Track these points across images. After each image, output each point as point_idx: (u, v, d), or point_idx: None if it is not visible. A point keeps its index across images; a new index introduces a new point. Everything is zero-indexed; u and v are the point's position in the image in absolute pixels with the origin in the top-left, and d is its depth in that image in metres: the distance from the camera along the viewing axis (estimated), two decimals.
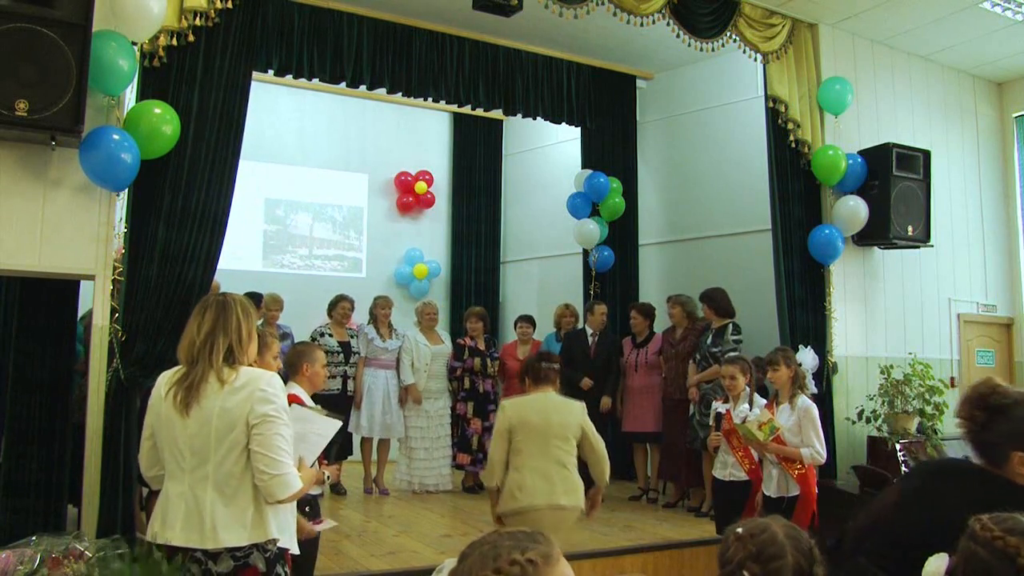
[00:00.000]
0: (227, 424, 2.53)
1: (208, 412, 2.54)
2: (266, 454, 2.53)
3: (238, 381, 2.57)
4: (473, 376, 7.11)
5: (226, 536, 2.51)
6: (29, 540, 3.69)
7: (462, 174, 9.84)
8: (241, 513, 2.54)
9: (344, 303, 6.97)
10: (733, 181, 7.42)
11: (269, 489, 2.54)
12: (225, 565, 2.51)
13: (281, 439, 2.56)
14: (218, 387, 2.56)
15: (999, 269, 7.66)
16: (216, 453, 2.54)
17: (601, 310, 7.12)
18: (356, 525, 5.78)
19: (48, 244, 4.26)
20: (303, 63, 6.21)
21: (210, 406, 2.54)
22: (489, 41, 7.06)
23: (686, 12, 5.93)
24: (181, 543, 2.53)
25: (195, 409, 2.55)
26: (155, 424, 2.66)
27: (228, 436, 2.54)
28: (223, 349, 2.61)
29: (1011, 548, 1.48)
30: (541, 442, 4.10)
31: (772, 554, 1.44)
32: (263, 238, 8.98)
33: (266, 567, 2.58)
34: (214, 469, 2.55)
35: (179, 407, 2.56)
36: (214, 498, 2.54)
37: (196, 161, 4.80)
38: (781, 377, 4.57)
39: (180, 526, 2.54)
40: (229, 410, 2.54)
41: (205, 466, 2.55)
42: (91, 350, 4.46)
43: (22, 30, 3.90)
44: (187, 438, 2.56)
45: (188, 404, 2.55)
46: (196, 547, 2.51)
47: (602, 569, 4.89)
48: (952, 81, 7.51)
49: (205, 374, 2.57)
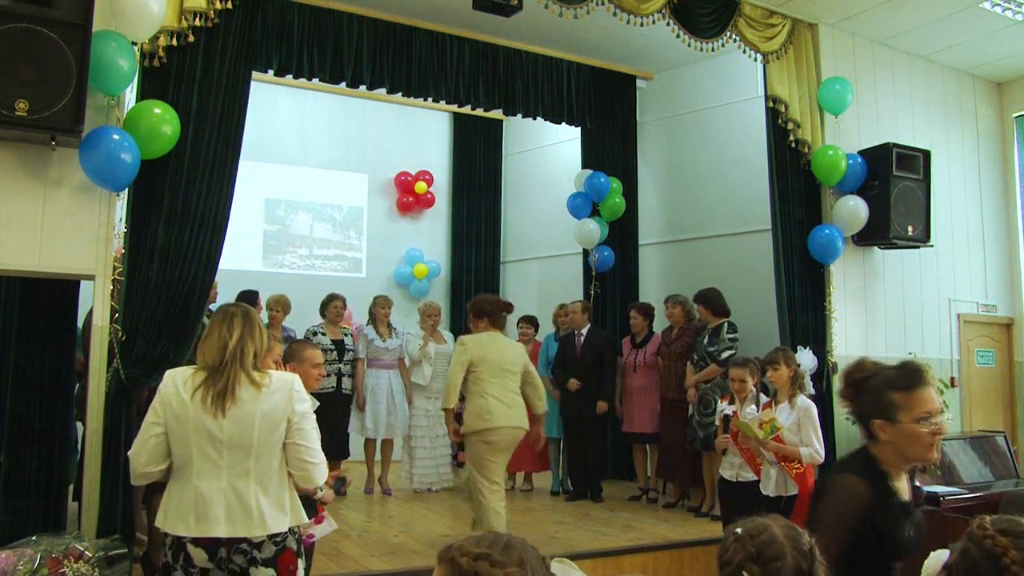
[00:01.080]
0: (271, 423, 2.75)
1: (250, 413, 2.74)
2: (309, 446, 2.82)
3: (272, 385, 2.80)
4: None
5: (272, 523, 2.73)
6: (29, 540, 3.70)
7: (462, 174, 9.84)
8: (280, 502, 2.79)
9: (336, 302, 6.98)
10: (733, 181, 7.42)
11: (312, 476, 2.83)
12: (268, 551, 2.73)
13: (316, 432, 2.88)
14: (254, 390, 2.76)
15: (999, 269, 7.66)
16: (257, 449, 2.75)
17: (574, 308, 7.11)
18: (356, 525, 5.78)
19: (48, 244, 4.26)
20: (303, 63, 6.21)
21: (251, 408, 2.74)
22: (489, 41, 7.06)
23: (686, 12, 5.93)
24: (227, 534, 2.69)
25: (232, 410, 2.72)
26: (172, 422, 2.74)
27: (272, 434, 2.76)
28: (251, 355, 2.81)
29: (999, 547, 1.56)
30: (499, 374, 4.97)
31: (772, 555, 1.44)
32: (263, 238, 8.98)
33: (297, 547, 2.85)
34: (255, 464, 2.75)
35: (211, 408, 2.71)
36: (257, 491, 2.74)
37: (196, 161, 4.80)
38: (781, 376, 4.57)
39: (224, 519, 2.70)
40: (270, 411, 2.76)
41: (246, 462, 2.74)
42: (91, 350, 4.46)
43: (22, 30, 3.90)
44: (225, 437, 2.72)
45: (223, 405, 2.72)
46: (243, 536, 2.70)
47: (602, 569, 4.89)
48: (952, 81, 7.51)
49: (238, 377, 2.75)
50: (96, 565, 3.70)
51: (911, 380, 2.19)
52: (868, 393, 2.24)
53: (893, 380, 2.21)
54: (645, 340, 6.92)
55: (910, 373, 2.22)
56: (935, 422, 2.16)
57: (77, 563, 3.63)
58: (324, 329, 6.90)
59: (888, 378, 2.23)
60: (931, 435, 2.16)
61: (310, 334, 6.80)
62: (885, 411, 2.18)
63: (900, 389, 2.18)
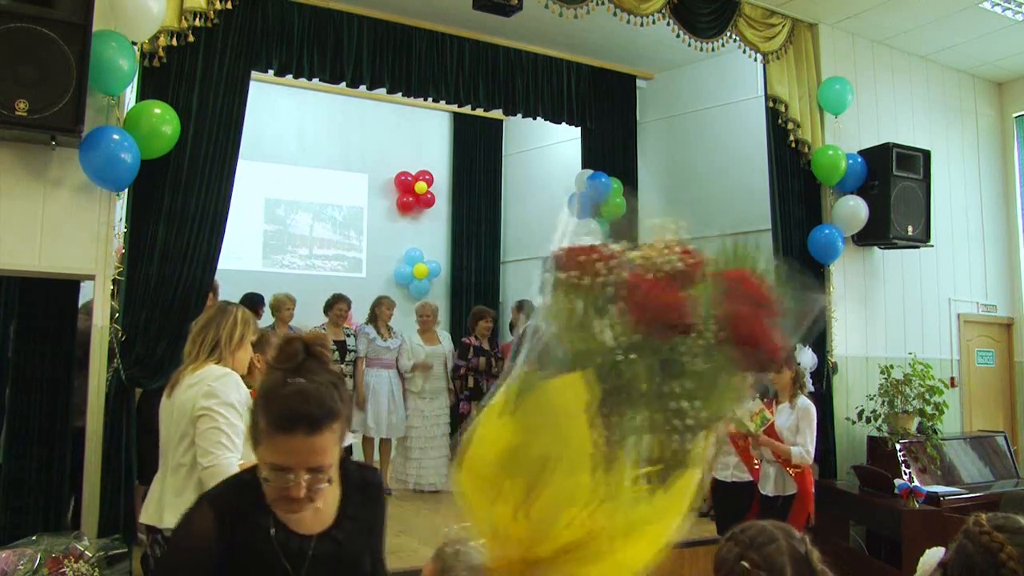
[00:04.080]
0: (178, 418, 2.73)
1: (168, 407, 2.78)
2: (200, 445, 2.65)
3: (196, 377, 2.73)
4: (478, 375, 7.12)
5: (169, 518, 2.65)
6: (29, 540, 3.70)
7: (462, 174, 9.84)
8: (185, 503, 2.66)
9: (341, 304, 6.96)
10: (733, 181, 7.41)
11: (203, 479, 2.63)
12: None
13: (217, 432, 2.64)
14: (186, 383, 2.76)
15: (999, 269, 7.66)
16: (165, 444, 2.78)
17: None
18: None
19: (48, 244, 4.26)
20: (303, 63, 6.21)
21: (173, 401, 2.77)
22: (489, 41, 7.06)
23: (686, 12, 5.93)
24: (144, 520, 2.81)
25: (165, 403, 2.81)
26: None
27: (176, 429, 2.73)
28: (209, 345, 2.78)
29: (995, 543, 1.55)
30: None
31: (765, 540, 1.45)
32: (263, 238, 8.97)
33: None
34: (171, 458, 2.76)
35: (164, 401, 2.83)
36: (163, 483, 2.77)
37: (196, 161, 4.80)
38: (783, 379, 4.57)
39: (149, 506, 2.80)
40: (180, 405, 2.72)
41: (167, 456, 2.77)
42: (91, 350, 4.46)
43: (22, 30, 3.90)
44: (161, 429, 2.82)
45: (169, 397, 2.79)
46: (149, 523, 2.78)
47: None
48: (952, 81, 7.51)
49: (184, 370, 2.78)
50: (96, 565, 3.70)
51: (288, 417, 1.51)
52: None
53: (271, 399, 1.56)
54: None
55: (307, 402, 1.52)
56: (295, 480, 1.50)
57: (77, 563, 3.63)
58: (327, 330, 6.89)
59: (268, 393, 1.57)
60: (280, 494, 1.54)
61: None
62: (254, 426, 1.57)
63: (267, 417, 1.54)
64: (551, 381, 1.36)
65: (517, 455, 1.33)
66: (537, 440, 1.31)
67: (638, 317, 1.31)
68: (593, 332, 1.34)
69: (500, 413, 1.36)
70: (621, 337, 1.32)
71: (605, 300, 1.35)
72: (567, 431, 1.30)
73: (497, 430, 1.36)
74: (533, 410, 1.35)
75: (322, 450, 1.53)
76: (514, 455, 1.33)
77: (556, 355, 1.36)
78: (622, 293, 1.35)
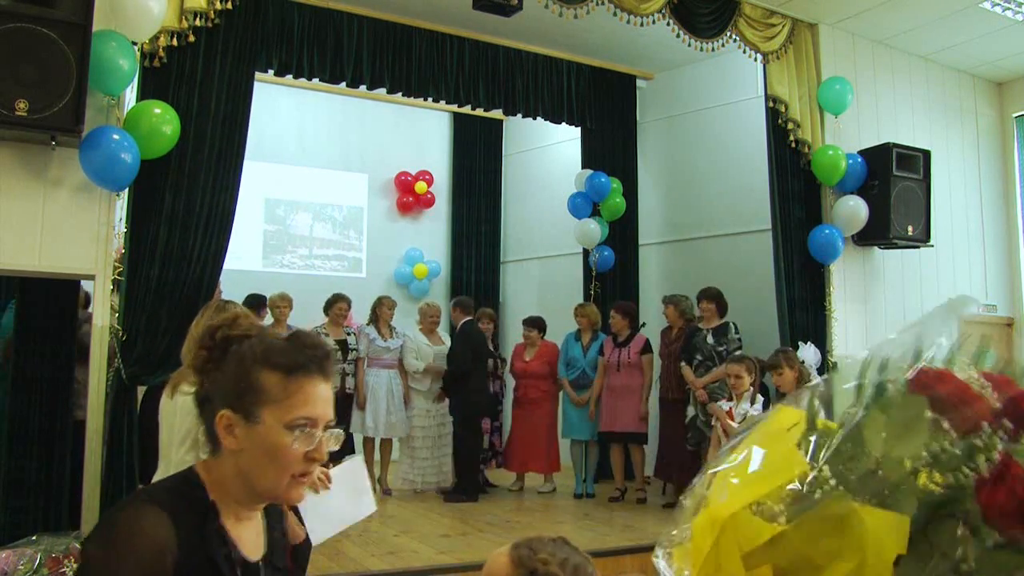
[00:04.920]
0: (182, 417, 2.75)
1: (174, 406, 2.79)
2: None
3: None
4: None
5: None
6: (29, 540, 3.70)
7: (462, 174, 9.84)
8: None
9: (341, 303, 6.97)
10: (733, 181, 7.42)
11: None
12: None
13: None
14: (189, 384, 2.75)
15: (999, 269, 7.66)
16: (172, 444, 2.79)
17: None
18: (356, 525, 5.77)
19: (48, 244, 4.26)
20: (303, 63, 6.21)
21: (175, 401, 2.79)
22: (489, 41, 7.06)
23: (686, 12, 5.93)
24: None
25: (166, 405, 2.84)
26: None
27: (182, 428, 2.74)
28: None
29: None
30: None
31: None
32: (263, 238, 8.97)
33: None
34: (173, 458, 2.78)
35: (164, 401, 2.86)
36: None
37: (197, 161, 4.81)
38: (787, 380, 4.54)
39: None
40: (185, 403, 2.72)
41: (167, 455, 2.83)
42: (91, 350, 4.46)
43: (22, 30, 3.90)
44: (165, 429, 2.84)
45: (171, 398, 2.82)
46: None
47: (602, 569, 4.86)
48: (952, 81, 7.51)
49: (186, 371, 2.78)
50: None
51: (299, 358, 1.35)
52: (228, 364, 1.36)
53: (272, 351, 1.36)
54: (628, 339, 6.88)
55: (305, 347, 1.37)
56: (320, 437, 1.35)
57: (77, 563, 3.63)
58: (327, 330, 6.89)
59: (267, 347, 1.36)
60: (304, 459, 1.34)
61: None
62: (244, 398, 1.33)
63: (278, 368, 1.34)
64: (868, 509, 1.18)
65: (779, 547, 1.20)
66: (813, 550, 1.13)
67: (1003, 512, 1.06)
68: (942, 485, 1.10)
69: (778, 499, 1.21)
70: (975, 520, 1.07)
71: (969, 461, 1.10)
72: (862, 567, 1.14)
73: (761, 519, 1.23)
74: (827, 520, 1.18)
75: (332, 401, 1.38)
76: (775, 545, 1.20)
77: (874, 482, 1.15)
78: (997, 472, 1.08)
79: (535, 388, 7.07)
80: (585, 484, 7.00)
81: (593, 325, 7.08)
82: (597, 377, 6.87)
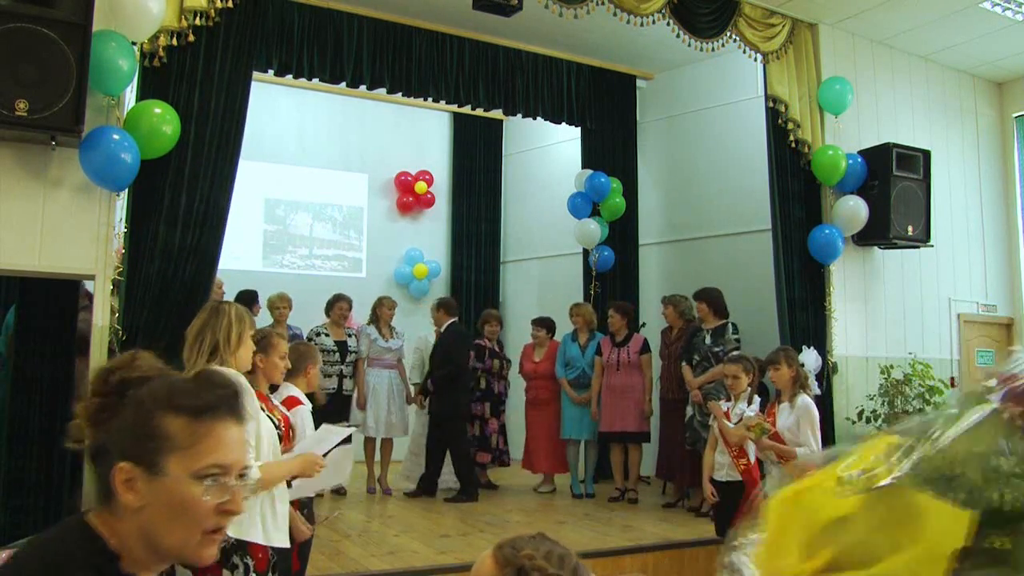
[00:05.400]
0: None
1: None
2: None
3: None
4: (490, 377, 7.13)
5: None
6: None
7: (462, 174, 9.84)
8: None
9: (342, 303, 6.96)
10: (733, 181, 7.42)
11: None
12: None
13: None
14: None
15: (999, 269, 7.66)
16: None
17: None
18: (357, 525, 5.78)
19: (48, 244, 4.27)
20: (303, 63, 6.21)
21: None
22: (489, 41, 7.07)
23: (686, 12, 5.93)
24: None
25: None
26: None
27: None
28: (208, 349, 2.75)
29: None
30: None
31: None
32: (263, 238, 8.97)
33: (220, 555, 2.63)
34: None
35: None
36: None
37: (196, 161, 4.81)
38: (783, 376, 4.55)
39: None
40: None
41: None
42: (91, 350, 4.46)
43: (22, 30, 3.90)
44: None
45: None
46: None
47: (602, 569, 4.89)
48: (952, 81, 7.51)
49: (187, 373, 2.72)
50: None
51: (207, 398, 1.25)
52: (126, 411, 1.26)
53: (176, 393, 1.26)
54: (626, 339, 6.87)
55: (214, 385, 1.28)
56: (234, 486, 1.23)
57: None
58: (328, 330, 6.89)
59: (171, 389, 1.27)
60: (216, 512, 1.22)
61: (313, 334, 6.79)
62: (145, 447, 1.21)
63: (184, 411, 1.23)
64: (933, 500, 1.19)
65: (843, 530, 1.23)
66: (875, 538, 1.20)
67: None
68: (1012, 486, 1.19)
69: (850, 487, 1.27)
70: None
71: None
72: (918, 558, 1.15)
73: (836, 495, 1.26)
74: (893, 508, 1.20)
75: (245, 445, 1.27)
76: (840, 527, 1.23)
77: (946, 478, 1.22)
78: None
79: (545, 388, 7.07)
80: (584, 484, 7.00)
81: (589, 324, 7.08)
82: (595, 376, 6.87)
